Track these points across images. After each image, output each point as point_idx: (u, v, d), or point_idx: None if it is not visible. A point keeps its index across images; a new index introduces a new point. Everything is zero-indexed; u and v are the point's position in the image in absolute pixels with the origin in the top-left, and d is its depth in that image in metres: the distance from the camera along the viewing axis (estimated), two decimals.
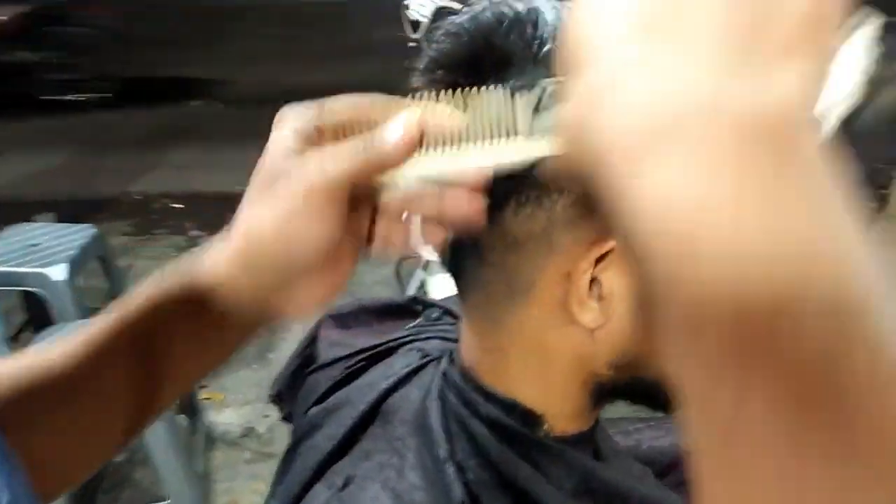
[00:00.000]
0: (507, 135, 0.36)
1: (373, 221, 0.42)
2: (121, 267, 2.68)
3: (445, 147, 0.37)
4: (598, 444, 0.54)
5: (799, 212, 0.20)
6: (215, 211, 3.48)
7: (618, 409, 0.61)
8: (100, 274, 2.38)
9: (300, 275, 0.40)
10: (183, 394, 0.46)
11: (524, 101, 0.36)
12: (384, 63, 5.00)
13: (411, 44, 1.65)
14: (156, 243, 3.19)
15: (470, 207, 0.38)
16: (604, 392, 0.50)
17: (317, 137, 0.40)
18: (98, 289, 2.63)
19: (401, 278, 1.99)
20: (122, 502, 1.88)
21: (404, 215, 0.41)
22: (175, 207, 3.51)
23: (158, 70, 5.23)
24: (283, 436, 2.04)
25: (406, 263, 1.96)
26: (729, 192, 0.20)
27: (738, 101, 0.20)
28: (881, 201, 3.30)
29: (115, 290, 2.37)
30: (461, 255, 0.48)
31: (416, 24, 1.66)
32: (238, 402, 2.17)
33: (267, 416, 2.08)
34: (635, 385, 0.49)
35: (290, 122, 0.40)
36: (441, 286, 1.54)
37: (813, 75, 0.22)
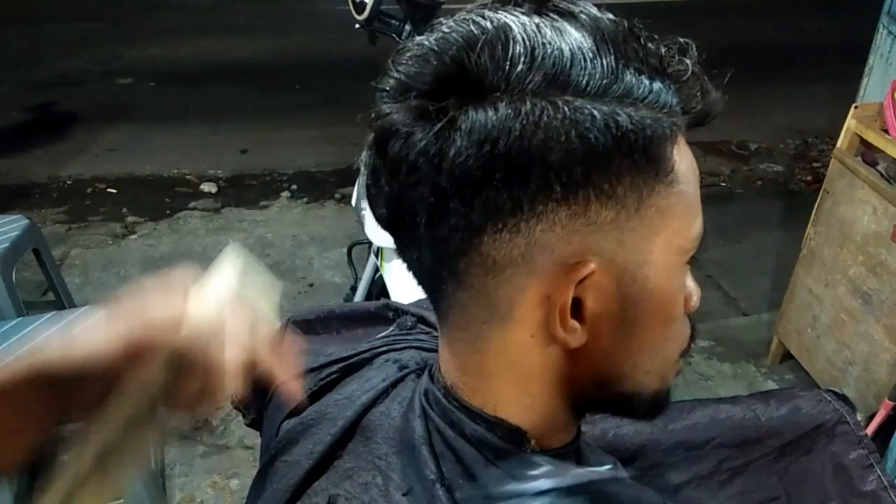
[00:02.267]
0: None
1: None
2: (56, 257, 2.58)
3: None
4: (581, 448, 0.55)
5: None
6: (151, 194, 3.38)
7: None
8: (34, 266, 2.28)
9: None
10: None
11: None
12: (323, 37, 4.91)
13: (357, 26, 1.62)
14: (92, 231, 3.06)
15: None
16: (586, 407, 0.51)
17: None
18: (33, 281, 2.53)
19: (353, 263, 1.97)
20: None
21: None
22: (109, 192, 3.37)
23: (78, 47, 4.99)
24: (237, 427, 2.02)
25: (357, 248, 1.93)
26: None
27: None
28: (813, 175, 3.43)
29: (50, 281, 2.28)
30: (439, 278, 0.47)
31: (360, 5, 1.62)
32: None
33: (219, 408, 2.04)
34: (616, 399, 0.50)
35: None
36: (397, 273, 1.53)
37: None
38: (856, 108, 1.90)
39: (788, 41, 5.23)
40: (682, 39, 0.46)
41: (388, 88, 0.45)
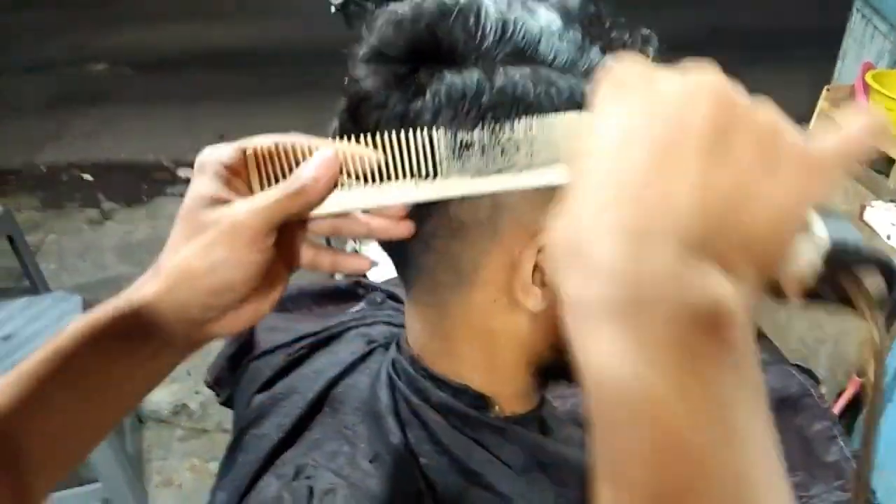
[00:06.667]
0: (425, 174, 0.41)
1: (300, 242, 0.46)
2: (31, 244, 2.55)
3: (366, 183, 0.41)
4: (544, 418, 0.56)
5: (715, 408, 0.23)
6: (128, 181, 3.35)
7: None
8: (9, 253, 2.26)
9: (230, 304, 0.42)
10: (123, 414, 0.48)
11: (444, 144, 0.40)
12: (300, 22, 4.86)
13: (332, 9, 1.61)
14: (68, 217, 3.03)
15: (395, 230, 0.44)
16: (548, 373, 0.52)
17: (237, 180, 0.42)
18: (7, 268, 2.50)
19: (330, 243, 1.97)
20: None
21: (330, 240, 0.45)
22: (85, 178, 3.34)
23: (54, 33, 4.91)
24: (216, 412, 2.02)
25: None
26: (657, 376, 0.23)
27: (681, 292, 0.23)
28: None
29: (25, 268, 2.25)
30: (404, 242, 0.48)
31: None
32: (167, 379, 2.12)
33: (198, 393, 2.04)
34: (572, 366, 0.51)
35: (211, 167, 0.42)
36: (373, 254, 1.53)
37: (747, 292, 0.25)
38: (828, 90, 1.93)
39: (765, 27, 5.26)
40: (645, 30, 0.48)
41: (361, 54, 0.46)
